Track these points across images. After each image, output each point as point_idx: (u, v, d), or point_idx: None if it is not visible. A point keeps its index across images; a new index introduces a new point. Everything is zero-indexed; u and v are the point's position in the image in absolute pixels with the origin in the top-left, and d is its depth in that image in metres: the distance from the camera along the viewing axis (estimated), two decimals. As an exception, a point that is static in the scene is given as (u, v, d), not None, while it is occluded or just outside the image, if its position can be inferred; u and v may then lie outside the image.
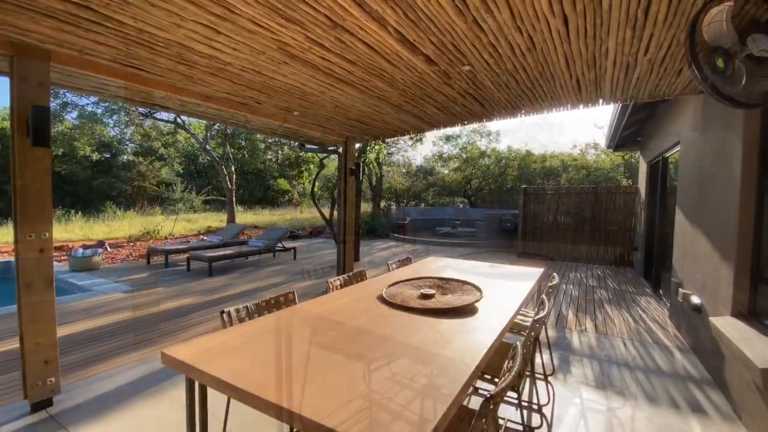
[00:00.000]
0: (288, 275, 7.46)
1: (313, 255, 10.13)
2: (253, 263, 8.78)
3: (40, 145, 2.47)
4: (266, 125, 4.95)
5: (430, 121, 5.03)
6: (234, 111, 4.05)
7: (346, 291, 2.69)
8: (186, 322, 4.60)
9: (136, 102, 3.80)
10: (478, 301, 2.30)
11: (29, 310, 2.55)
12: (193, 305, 5.30)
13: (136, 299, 5.61)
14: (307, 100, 3.91)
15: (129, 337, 4.14)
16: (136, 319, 4.72)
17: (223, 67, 2.96)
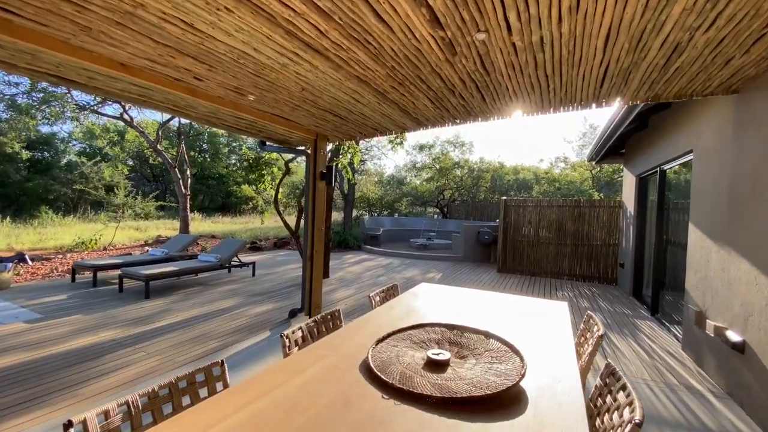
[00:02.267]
0: (243, 297, 6.35)
1: (276, 271, 9.02)
2: (202, 281, 7.56)
3: None
4: (214, 113, 3.94)
5: (418, 118, 4.23)
6: (165, 90, 3.05)
7: (312, 352, 1.77)
8: (95, 369, 3.45)
9: (22, 70, 2.71)
10: (521, 376, 1.46)
11: None
12: (112, 342, 4.13)
13: (41, 332, 4.35)
14: (263, 77, 2.98)
15: (9, 392, 2.96)
16: (27, 364, 3.50)
17: (131, 11, 1.99)
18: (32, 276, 7.62)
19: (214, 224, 21.38)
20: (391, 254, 12.44)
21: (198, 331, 4.55)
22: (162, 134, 13.62)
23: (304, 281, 5.14)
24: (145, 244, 12.23)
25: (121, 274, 6.31)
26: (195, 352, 3.94)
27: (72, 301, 5.73)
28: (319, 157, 5.00)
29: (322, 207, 5.11)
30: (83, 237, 10.95)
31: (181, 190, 13.11)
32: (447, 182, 22.60)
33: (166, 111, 3.82)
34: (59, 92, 10.74)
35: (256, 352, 3.99)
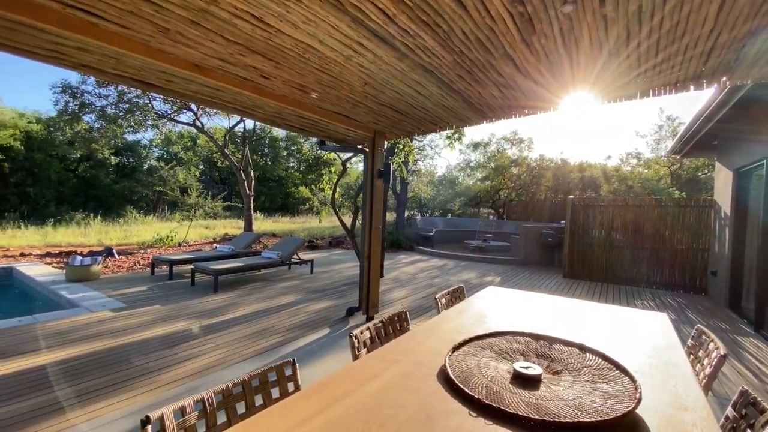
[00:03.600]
0: (302, 293, 6.48)
1: (332, 269, 9.15)
2: (265, 277, 7.88)
3: None
4: (279, 113, 4.02)
5: (482, 110, 3.97)
6: (235, 89, 3.13)
7: (383, 356, 1.64)
8: (169, 357, 3.66)
9: (108, 75, 2.94)
10: (637, 400, 1.20)
11: None
12: (184, 332, 4.38)
13: (124, 320, 4.75)
14: (327, 71, 2.94)
15: (96, 375, 3.22)
16: (112, 350, 3.81)
17: (205, 7, 2.02)
18: (118, 268, 8.45)
19: (275, 223, 22.47)
20: (445, 255, 12.11)
21: (261, 326, 4.68)
22: (228, 139, 14.56)
23: (361, 280, 5.09)
24: (213, 242, 13.13)
25: (193, 268, 6.76)
26: (258, 346, 4.04)
27: (151, 293, 6.23)
28: (377, 155, 4.93)
29: (379, 206, 5.03)
30: (161, 234, 12.02)
31: (246, 191, 13.89)
32: (503, 181, 21.65)
33: (235, 112, 3.97)
34: (141, 102, 11.91)
35: (317, 350, 4.00)
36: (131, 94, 11.64)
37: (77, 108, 11.58)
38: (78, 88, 11.39)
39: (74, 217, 15.66)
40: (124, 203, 19.76)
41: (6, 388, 2.94)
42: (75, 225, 14.88)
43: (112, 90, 11.48)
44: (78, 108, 11.59)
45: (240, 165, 13.81)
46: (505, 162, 22.24)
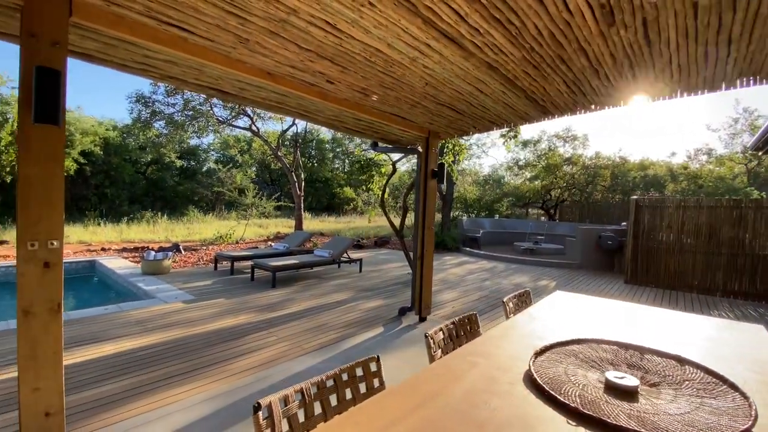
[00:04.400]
0: (354, 291, 6.62)
1: (380, 268, 9.25)
2: (316, 274, 8.14)
3: (44, 122, 1.82)
4: (337, 116, 4.14)
5: (545, 106, 3.82)
6: (301, 95, 3.27)
7: (461, 358, 1.63)
8: (236, 348, 3.90)
9: (190, 85, 3.20)
10: (753, 418, 1.10)
11: (28, 345, 1.89)
12: (249, 325, 4.64)
13: (194, 311, 5.13)
14: (390, 74, 2.98)
15: (175, 362, 3.51)
16: (187, 339, 4.14)
17: (285, 18, 2.13)
18: (184, 263, 9.14)
19: (322, 223, 23.16)
20: (494, 257, 11.78)
21: (318, 321, 4.84)
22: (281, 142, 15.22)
23: (414, 281, 5.10)
24: (267, 240, 13.79)
25: (252, 264, 7.15)
26: (318, 340, 4.18)
27: (216, 287, 6.67)
28: (431, 155, 4.91)
29: (432, 206, 5.01)
30: (221, 232, 12.83)
31: (296, 192, 14.44)
32: (555, 181, 20.66)
33: (296, 116, 4.14)
34: (204, 109, 12.82)
35: (372, 347, 4.06)
36: (195, 101, 12.57)
37: (149, 116, 12.71)
38: (150, 97, 12.52)
39: (144, 216, 17.17)
40: (186, 203, 21.38)
41: (102, 370, 3.29)
42: (145, 222, 16.31)
43: (179, 98, 12.46)
44: (149, 116, 12.72)
45: (291, 167, 14.38)
46: (557, 160, 21.20)
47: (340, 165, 39.80)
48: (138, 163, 22.07)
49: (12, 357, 3.47)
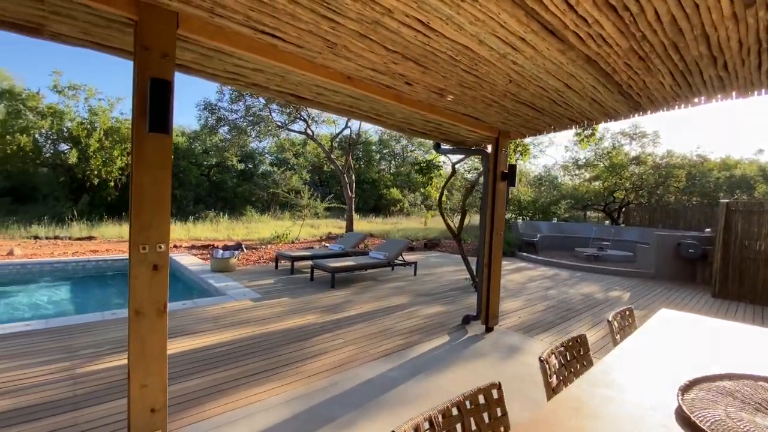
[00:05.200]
0: (411, 296, 6.51)
1: (434, 272, 9.06)
2: (372, 276, 8.14)
3: (157, 131, 1.90)
4: (407, 119, 4.06)
5: (639, 102, 3.46)
6: (375, 97, 3.23)
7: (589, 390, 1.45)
8: (307, 349, 3.94)
9: (271, 92, 3.28)
10: None
11: (138, 344, 2.00)
12: (315, 326, 4.70)
13: (262, 310, 5.31)
14: (473, 72, 2.83)
15: (250, 360, 3.62)
16: (259, 337, 4.27)
17: (378, 18, 2.07)
18: (247, 261, 9.58)
19: (369, 224, 23.37)
20: (554, 264, 11.10)
21: (381, 326, 4.80)
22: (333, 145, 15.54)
23: (479, 288, 4.88)
24: (320, 240, 14.15)
25: (312, 265, 7.30)
26: (384, 346, 4.12)
27: (279, 286, 6.89)
28: (501, 156, 4.67)
29: (502, 210, 4.77)
30: (278, 232, 13.35)
31: (348, 194, 14.66)
32: (619, 182, 19.13)
33: (366, 119, 4.12)
34: (264, 115, 13.45)
35: (442, 357, 3.92)
36: (255, 107, 13.22)
37: (215, 122, 13.57)
38: (216, 105, 13.38)
39: (207, 215, 18.37)
40: (245, 203, 22.61)
41: (186, 365, 3.46)
42: (209, 222, 17.44)
43: (241, 105, 13.18)
44: (215, 122, 13.58)
45: (343, 169, 14.62)
46: (622, 160, 19.62)
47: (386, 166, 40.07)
48: (202, 166, 23.71)
49: (108, 347, 3.78)
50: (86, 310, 6.26)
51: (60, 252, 9.62)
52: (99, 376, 3.15)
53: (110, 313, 4.76)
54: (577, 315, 5.75)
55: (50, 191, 18.06)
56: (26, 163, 17.24)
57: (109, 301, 7.09)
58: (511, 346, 4.33)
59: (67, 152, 17.30)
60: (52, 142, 18.20)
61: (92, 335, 4.05)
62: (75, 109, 17.72)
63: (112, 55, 2.50)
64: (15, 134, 16.29)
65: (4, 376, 3.05)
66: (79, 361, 3.42)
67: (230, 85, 3.07)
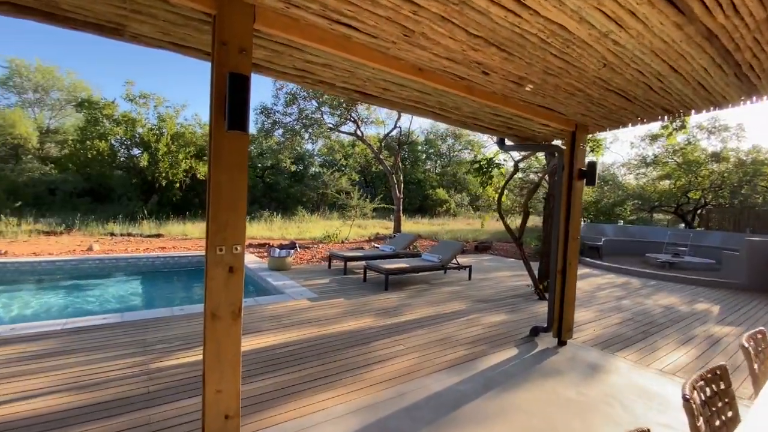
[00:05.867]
0: (469, 302, 6.18)
1: (489, 276, 8.62)
2: (424, 279, 7.90)
3: (236, 128, 1.83)
4: (474, 113, 3.79)
5: (756, 86, 2.93)
6: (446, 90, 3.00)
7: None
8: (369, 354, 3.81)
9: (337, 90, 3.17)
10: None
11: (214, 347, 1.94)
12: (373, 330, 4.56)
13: (320, 310, 5.29)
14: (564, 56, 2.52)
15: (313, 363, 3.55)
16: (319, 339, 4.21)
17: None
18: (300, 260, 9.75)
19: (415, 224, 23.09)
20: (623, 271, 10.15)
21: (442, 333, 4.55)
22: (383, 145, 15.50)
23: (552, 298, 4.47)
24: (369, 240, 14.15)
25: (365, 266, 7.22)
26: (448, 356, 3.88)
27: (333, 286, 6.88)
28: (578, 151, 4.23)
29: (578, 212, 4.32)
30: (328, 231, 13.54)
31: (396, 194, 14.53)
32: (695, 180, 17.21)
33: (430, 115, 3.90)
34: (317, 117, 13.72)
35: (512, 372, 3.60)
36: (308, 110, 13.53)
37: (270, 125, 14.08)
38: (271, 109, 13.89)
39: (262, 215, 19.15)
40: (296, 204, 23.35)
41: (249, 366, 3.44)
42: (263, 221, 18.16)
43: (294, 108, 13.55)
44: (271, 125, 14.08)
45: (392, 169, 14.52)
46: (699, 156, 17.65)
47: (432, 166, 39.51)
48: (257, 168, 24.85)
49: (178, 343, 3.89)
50: (156, 304, 6.66)
51: (132, 248, 10.42)
52: (171, 373, 3.22)
53: (179, 308, 4.96)
54: (660, 330, 5.12)
55: (124, 192, 19.79)
56: (103, 167, 19.07)
57: (176, 295, 7.52)
58: (590, 364, 3.90)
59: (139, 156, 18.88)
60: (126, 146, 19.97)
61: (163, 330, 4.21)
62: (145, 116, 19.30)
63: (188, 55, 2.51)
64: (94, 140, 18.05)
65: (85, 369, 3.21)
66: (153, 356, 3.54)
67: (297, 83, 2.99)
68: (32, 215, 14.54)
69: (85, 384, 2.95)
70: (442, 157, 39.52)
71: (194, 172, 19.54)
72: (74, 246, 10.35)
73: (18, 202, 15.99)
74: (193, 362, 3.43)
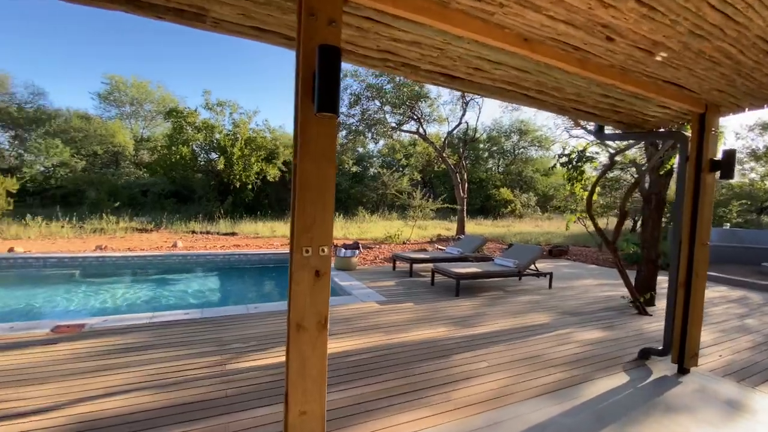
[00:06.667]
0: (554, 313, 5.49)
1: (571, 285, 7.73)
2: (498, 285, 7.28)
3: (327, 110, 1.56)
4: (577, 95, 3.23)
5: None
6: (553, 63, 2.52)
7: None
8: (449, 370, 3.41)
9: (420, 74, 2.84)
10: None
11: (298, 362, 1.70)
12: (450, 341, 4.16)
13: (389, 315, 5.01)
14: (727, 8, 1.92)
15: (391, 375, 3.25)
16: (393, 347, 3.91)
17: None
18: (363, 260, 9.62)
19: (478, 226, 22.09)
20: (736, 283, 8.58)
21: (530, 350, 4.01)
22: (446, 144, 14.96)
23: (670, 316, 3.71)
24: (431, 241, 13.70)
25: (433, 269, 6.83)
26: (542, 378, 3.35)
27: (400, 289, 6.58)
28: (709, 138, 3.44)
29: (708, 212, 3.53)
30: (389, 232, 13.35)
31: (460, 194, 13.91)
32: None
33: (521, 100, 3.40)
34: (379, 117, 13.62)
35: (627, 404, 2.98)
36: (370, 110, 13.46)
37: (334, 126, 14.28)
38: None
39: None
40: (357, 204, 23.65)
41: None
42: (326, 221, 18.57)
43: (357, 109, 13.58)
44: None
45: (456, 168, 13.92)
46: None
47: (494, 165, 37.69)
48: (320, 169, 25.69)
49: (254, 343, 3.83)
50: (232, 300, 6.90)
51: (210, 245, 11.09)
52: (247, 376, 3.12)
53: (253, 306, 4.99)
54: (814, 361, 4.06)
55: (203, 193, 21.49)
56: (186, 170, 20.88)
57: (249, 291, 7.77)
58: (728, 400, 3.13)
59: (216, 160, 20.37)
60: (205, 151, 21.67)
61: (239, 329, 4.21)
62: (222, 123, 20.78)
63: (268, 42, 2.35)
64: (179, 146, 19.81)
65: (167, 366, 3.23)
66: (229, 356, 3.50)
67: (378, 68, 2.71)
68: (127, 214, 16.30)
69: (167, 383, 2.95)
70: (506, 155, 37.59)
71: (264, 174, 20.62)
72: (161, 242, 11.30)
73: (117, 202, 18.06)
74: (268, 365, 3.32)
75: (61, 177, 20.23)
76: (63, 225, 12.79)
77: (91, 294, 6.55)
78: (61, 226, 12.64)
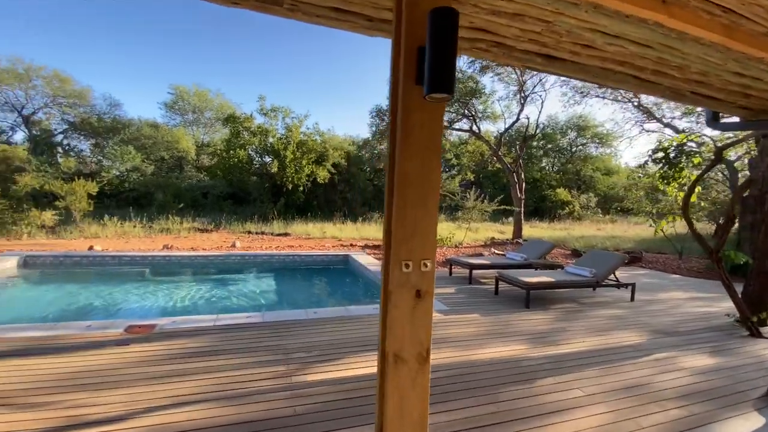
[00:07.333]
0: (643, 332, 4.77)
1: (655, 298, 6.80)
2: (570, 296, 6.58)
3: (439, 91, 1.24)
4: (704, 74, 2.66)
5: None
6: (692, 31, 2.01)
7: None
8: (537, 398, 2.96)
9: (514, 55, 2.44)
10: None
11: (396, 401, 1.40)
12: (529, 361, 3.68)
13: (455, 327, 4.62)
14: None
15: (470, 401, 2.88)
16: (465, 365, 3.52)
17: None
18: (418, 265, 9.24)
19: (533, 228, 20.80)
20: None
21: (627, 377, 3.43)
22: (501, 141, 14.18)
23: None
24: (485, 245, 13.02)
25: (497, 276, 6.31)
26: (655, 415, 2.79)
27: (462, 297, 6.14)
28: None
29: None
30: (440, 235, 12.87)
31: (517, 194, 13.09)
32: None
33: (630, 83, 2.87)
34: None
35: (781, 461, 2.36)
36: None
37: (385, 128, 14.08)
38: (386, 109, 13.87)
39: (372, 216, 19.53)
40: (404, 205, 23.34)
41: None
42: (374, 222, 18.46)
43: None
44: (385, 128, 14.07)
45: (512, 167, 13.12)
46: None
47: (549, 164, 35.53)
48: (367, 172, 25.68)
49: (316, 353, 3.63)
50: (289, 301, 6.87)
51: (266, 245, 11.33)
52: (314, 391, 2.91)
53: (312, 311, 4.84)
54: None
55: (258, 195, 22.33)
56: (242, 173, 21.82)
57: (305, 293, 7.74)
58: None
59: (270, 163, 21.07)
60: (260, 155, 22.52)
61: (301, 336, 4.05)
62: (275, 127, 21.47)
63: (347, 29, 2.10)
64: (236, 150, 20.73)
65: (234, 374, 3.11)
66: (293, 366, 3.32)
67: (465, 51, 2.34)
68: (190, 215, 17.29)
69: (234, 394, 2.80)
70: (562, 153, 35.33)
71: (314, 177, 21.00)
72: (221, 242, 11.75)
73: (181, 204, 19.26)
74: (336, 380, 3.09)
75: (133, 180, 22.04)
76: (135, 225, 13.79)
77: (160, 293, 6.82)
78: (133, 226, 13.63)
